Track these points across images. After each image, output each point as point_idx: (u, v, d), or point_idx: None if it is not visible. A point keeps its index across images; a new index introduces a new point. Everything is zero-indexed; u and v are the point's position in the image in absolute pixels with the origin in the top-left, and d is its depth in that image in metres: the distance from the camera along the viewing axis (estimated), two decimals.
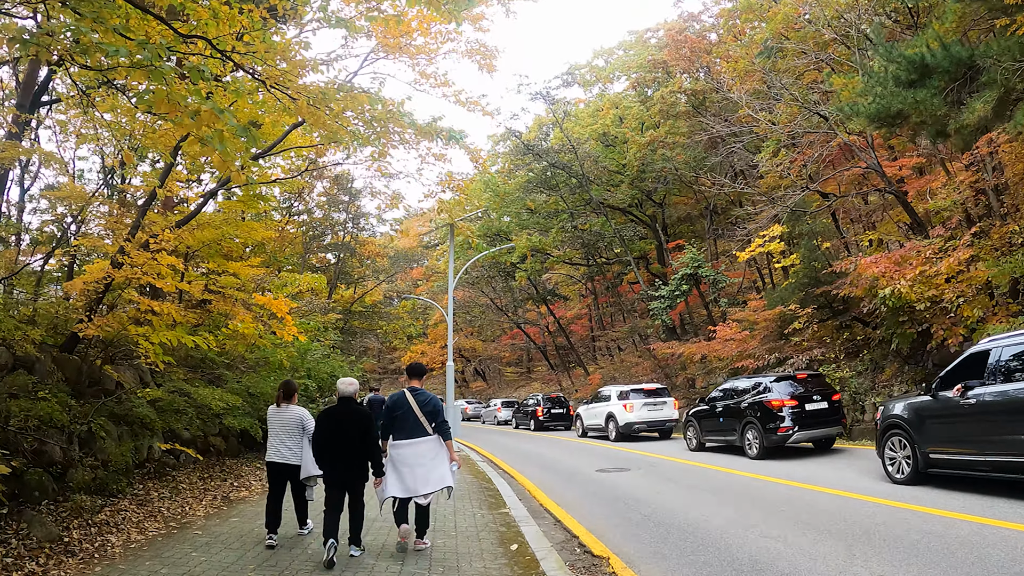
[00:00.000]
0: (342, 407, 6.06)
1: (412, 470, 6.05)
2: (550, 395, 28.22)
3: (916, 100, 10.83)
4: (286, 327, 12.63)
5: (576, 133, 27.07)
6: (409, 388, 6.28)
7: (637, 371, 28.31)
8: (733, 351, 19.21)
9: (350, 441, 5.89)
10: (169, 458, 10.60)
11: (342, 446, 5.89)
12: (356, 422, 5.92)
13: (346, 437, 5.89)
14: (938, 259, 14.12)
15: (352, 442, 5.89)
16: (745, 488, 9.48)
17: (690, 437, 15.18)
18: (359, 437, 5.91)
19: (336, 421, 5.95)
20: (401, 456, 6.09)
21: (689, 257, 22.73)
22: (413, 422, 6.11)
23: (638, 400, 18.68)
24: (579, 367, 37.40)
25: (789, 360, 17.75)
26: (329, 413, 6.10)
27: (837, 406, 13.13)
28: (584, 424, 21.09)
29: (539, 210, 31.12)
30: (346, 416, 5.97)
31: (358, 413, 6.04)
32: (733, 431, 13.47)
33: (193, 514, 8.20)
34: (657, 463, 13.09)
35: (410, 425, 6.11)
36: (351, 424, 5.91)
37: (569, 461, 14.49)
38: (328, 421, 6.00)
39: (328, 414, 6.09)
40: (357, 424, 5.92)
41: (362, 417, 6.01)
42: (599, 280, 37.37)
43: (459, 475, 11.43)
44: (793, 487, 9.29)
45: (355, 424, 5.91)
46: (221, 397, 10.59)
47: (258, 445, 13.52)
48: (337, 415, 6.01)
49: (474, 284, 39.60)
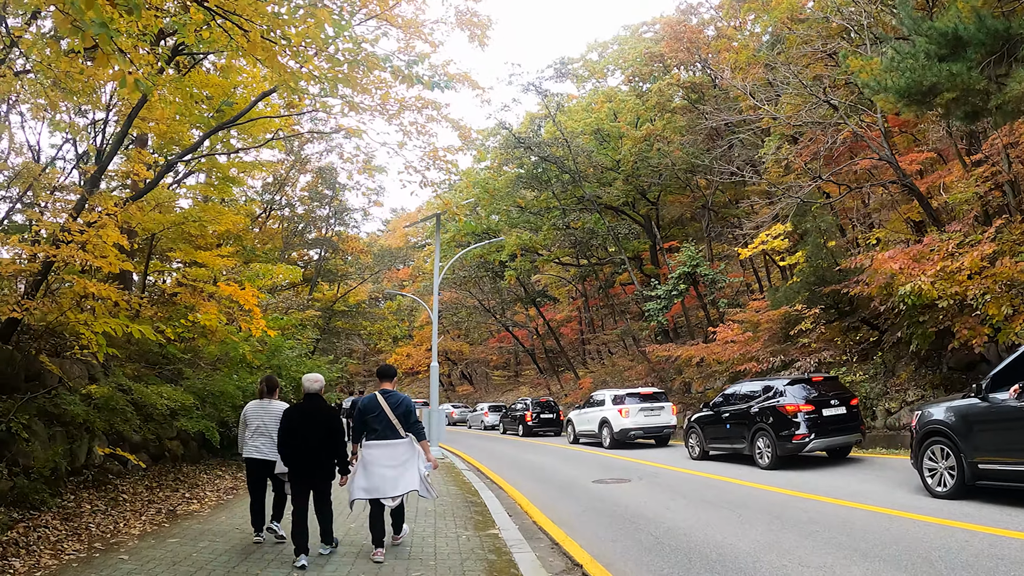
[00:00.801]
0: (307, 404, 5.94)
1: (381, 471, 5.93)
2: (539, 399, 27.06)
3: (952, 73, 9.84)
4: (254, 321, 11.43)
5: (569, 127, 26.01)
6: (381, 390, 6.14)
7: (630, 375, 27.22)
8: (735, 353, 18.16)
9: (314, 438, 5.78)
10: (113, 464, 9.34)
11: (306, 443, 5.77)
12: (322, 419, 5.84)
13: (311, 434, 5.77)
14: (960, 254, 13.15)
15: (317, 439, 5.78)
16: (766, 503, 8.37)
17: (692, 445, 14.08)
18: (325, 434, 5.81)
19: (301, 418, 5.84)
20: (372, 457, 5.98)
21: (687, 255, 21.69)
22: (385, 424, 5.97)
23: (634, 405, 17.57)
24: (569, 371, 36.28)
25: (796, 363, 16.73)
26: (294, 410, 5.99)
27: (856, 411, 12.09)
28: (576, 430, 19.95)
29: (529, 207, 30.02)
30: (311, 413, 5.86)
31: (324, 410, 5.94)
32: (742, 439, 12.38)
33: (127, 532, 6.96)
34: (659, 473, 11.96)
35: (382, 427, 5.98)
36: (316, 421, 5.81)
37: (562, 470, 13.34)
38: (293, 418, 5.88)
39: (293, 410, 5.98)
40: (323, 421, 5.83)
41: (328, 414, 5.94)
42: (590, 282, 36.32)
43: (441, 487, 10.29)
44: (820, 502, 8.20)
45: (320, 421, 5.82)
46: (169, 396, 9.32)
47: (222, 450, 12.26)
48: (302, 412, 5.89)
49: (461, 285, 38.40)
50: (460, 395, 50.66)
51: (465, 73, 10.89)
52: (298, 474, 5.86)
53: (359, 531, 7.00)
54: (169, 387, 9.93)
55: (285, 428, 5.85)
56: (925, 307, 13.26)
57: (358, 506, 6.44)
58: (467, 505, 8.66)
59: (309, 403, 5.93)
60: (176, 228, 12.38)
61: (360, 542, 6.55)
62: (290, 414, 5.95)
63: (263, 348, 14.21)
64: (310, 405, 5.91)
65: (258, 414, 6.56)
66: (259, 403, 6.66)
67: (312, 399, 5.95)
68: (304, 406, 5.93)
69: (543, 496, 9.97)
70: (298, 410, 5.95)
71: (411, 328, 45.67)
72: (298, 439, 5.76)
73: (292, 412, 5.97)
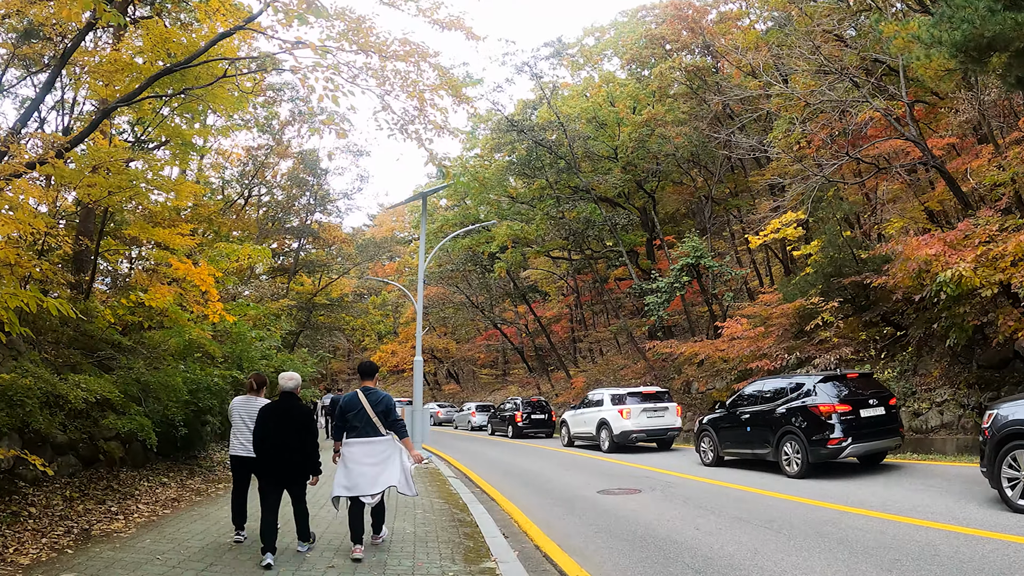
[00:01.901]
0: (283, 402, 5.82)
1: (360, 469, 5.85)
2: (530, 399, 25.56)
3: (1018, 22, 8.48)
4: (210, 304, 9.86)
5: (565, 112, 24.54)
6: (362, 388, 6.07)
7: (626, 374, 25.79)
8: (744, 350, 16.77)
9: (290, 437, 5.68)
10: (26, 469, 7.74)
11: (282, 442, 5.66)
12: (297, 418, 5.75)
13: (286, 433, 5.68)
14: (1002, 239, 11.85)
15: (292, 438, 5.68)
16: (814, 522, 6.93)
17: (704, 449, 12.67)
18: (299, 434, 5.71)
19: (277, 416, 5.74)
20: (351, 455, 5.91)
21: (690, 246, 20.29)
22: (366, 422, 5.92)
23: (636, 405, 16.13)
24: (560, 370, 34.82)
25: (813, 360, 15.37)
26: (269, 408, 5.87)
27: (895, 412, 10.73)
28: (571, 432, 18.49)
29: (521, 197, 28.53)
30: (287, 412, 5.76)
31: (299, 409, 5.84)
32: (765, 443, 10.97)
33: (13, 561, 5.39)
34: (672, 482, 10.51)
35: (362, 424, 5.92)
36: (291, 420, 5.72)
37: (560, 477, 11.85)
38: (268, 416, 5.78)
39: (269, 409, 5.86)
40: (297, 420, 5.75)
41: (303, 413, 5.85)
42: (584, 277, 34.91)
43: (424, 500, 8.79)
44: (880, 520, 6.79)
45: (295, 420, 5.74)
46: (91, 387, 7.72)
47: (178, 451, 10.67)
48: (278, 410, 5.78)
49: (448, 279, 36.82)
50: (446, 394, 49.06)
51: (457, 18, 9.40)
52: (272, 473, 5.73)
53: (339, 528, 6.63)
54: (92, 377, 8.29)
55: (260, 426, 5.77)
56: (963, 297, 11.95)
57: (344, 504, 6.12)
58: (454, 525, 7.14)
59: (284, 402, 5.81)
60: (123, 195, 10.74)
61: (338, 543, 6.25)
62: (265, 413, 5.82)
63: (226, 337, 12.63)
64: (285, 404, 5.79)
65: (240, 411, 6.42)
66: (243, 400, 6.52)
67: (287, 397, 5.83)
68: (279, 405, 5.81)
69: (543, 511, 8.49)
70: (273, 409, 5.81)
71: (396, 325, 44.01)
72: (273, 438, 5.66)
73: (267, 411, 5.83)
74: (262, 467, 5.74)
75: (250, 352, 11.85)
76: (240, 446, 6.32)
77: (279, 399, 5.85)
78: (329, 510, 7.14)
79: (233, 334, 11.43)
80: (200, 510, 7.84)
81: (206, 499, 8.63)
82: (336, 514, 6.74)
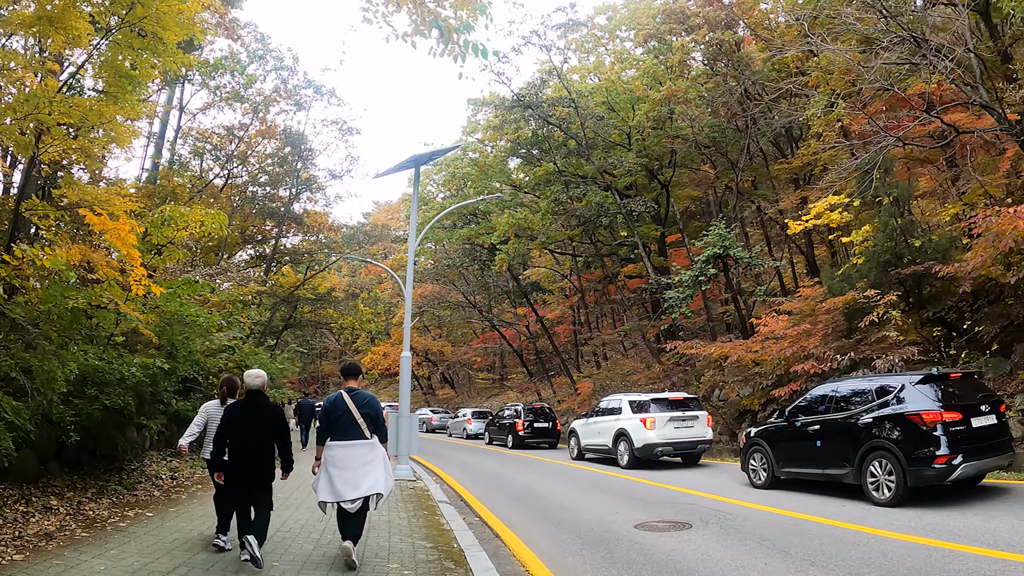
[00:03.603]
0: (250, 401, 5.63)
1: (342, 473, 5.54)
2: (532, 405, 23.15)
3: None
4: (132, 273, 7.56)
5: (577, 87, 22.25)
6: (346, 389, 5.77)
7: (638, 379, 23.42)
8: (785, 351, 14.46)
9: (258, 437, 5.53)
10: None
11: (249, 442, 5.48)
12: (266, 418, 5.60)
13: (254, 432, 5.51)
14: None
15: (260, 438, 5.54)
16: None
17: (755, 467, 10.33)
18: (270, 433, 5.59)
19: (242, 416, 5.54)
20: (332, 458, 5.60)
21: (716, 235, 17.99)
22: (349, 423, 5.61)
23: (661, 414, 13.78)
24: (563, 375, 32.41)
25: (871, 362, 13.08)
26: (235, 407, 5.66)
27: (1005, 422, 8.46)
28: (581, 443, 16.12)
29: (525, 187, 26.22)
30: (254, 411, 5.57)
31: (268, 408, 5.68)
32: (843, 462, 8.64)
33: None
34: (727, 513, 8.16)
35: (347, 426, 5.61)
36: (260, 419, 5.56)
37: (581, 503, 9.46)
38: (234, 415, 5.57)
39: (235, 408, 5.65)
40: (267, 420, 5.60)
41: (273, 413, 5.70)
42: (590, 276, 32.63)
43: (405, 543, 6.28)
44: None
45: (265, 420, 5.58)
46: None
47: (96, 462, 8.30)
48: (243, 410, 5.58)
49: (444, 277, 34.48)
50: (441, 399, 46.60)
51: None
52: (239, 475, 5.50)
53: None
54: None
55: (224, 426, 5.58)
56: None
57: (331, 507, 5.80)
58: None
59: (251, 401, 5.63)
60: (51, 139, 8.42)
61: None
62: (230, 412, 5.63)
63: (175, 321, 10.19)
64: (252, 403, 5.61)
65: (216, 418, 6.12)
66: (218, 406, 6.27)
67: (254, 396, 5.65)
68: (245, 404, 5.64)
69: (572, 557, 6.13)
70: (238, 408, 5.63)
71: (388, 325, 41.58)
72: (240, 439, 5.48)
73: (232, 410, 5.64)
74: (228, 469, 5.54)
75: (189, 339, 9.36)
76: None
77: (245, 398, 5.68)
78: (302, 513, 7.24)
79: (167, 312, 9.01)
80: (71, 555, 5.41)
81: (94, 535, 6.10)
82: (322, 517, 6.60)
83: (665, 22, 23.62)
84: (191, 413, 12.06)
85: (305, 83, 22.79)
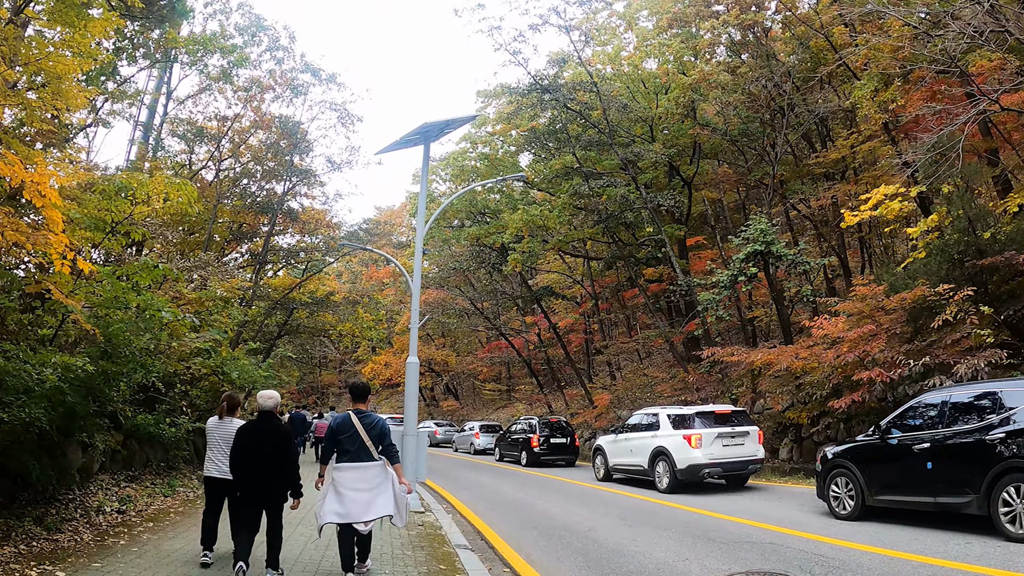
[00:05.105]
0: (261, 422, 5.57)
1: (353, 495, 5.51)
2: (548, 419, 21.26)
3: None
4: (50, 239, 5.83)
5: (597, 75, 20.56)
6: (354, 410, 5.73)
7: (664, 390, 21.53)
8: (845, 356, 12.61)
9: (268, 459, 5.40)
10: None
11: (259, 464, 5.39)
12: (274, 439, 5.46)
13: (263, 454, 5.39)
14: None
15: (270, 460, 5.41)
16: None
17: (838, 494, 8.49)
18: (278, 455, 5.44)
19: (254, 437, 5.46)
20: (343, 480, 5.56)
21: (757, 230, 16.18)
22: (359, 446, 5.56)
23: (707, 430, 11.91)
24: (574, 385, 30.49)
25: (950, 368, 11.22)
26: (247, 428, 5.60)
27: None
28: (609, 463, 14.25)
29: (539, 183, 24.45)
30: (265, 432, 5.49)
31: (277, 430, 5.58)
32: (961, 488, 6.81)
33: None
34: (829, 557, 6.31)
35: (355, 448, 5.56)
36: (269, 441, 5.44)
37: (635, 544, 7.53)
38: (246, 437, 5.49)
39: (246, 430, 5.59)
40: (275, 441, 5.45)
41: (281, 434, 5.57)
42: (605, 281, 30.85)
43: None
44: None
45: (273, 441, 5.44)
46: None
47: (20, 490, 6.51)
48: (255, 431, 5.51)
49: (450, 281, 32.68)
50: (445, 411, 44.64)
51: None
52: (249, 496, 5.46)
53: None
54: None
55: (237, 447, 5.52)
56: None
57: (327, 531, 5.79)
58: None
59: (263, 421, 5.56)
60: None
61: None
62: (242, 433, 5.57)
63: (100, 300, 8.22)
64: (263, 424, 5.54)
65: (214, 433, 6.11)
66: (216, 422, 6.20)
67: (266, 417, 5.56)
68: (257, 425, 5.57)
69: None
70: (250, 429, 5.56)
71: (391, 333, 39.74)
72: (251, 459, 5.40)
73: (244, 431, 5.58)
74: (240, 489, 5.47)
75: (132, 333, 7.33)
76: (215, 468, 6.08)
77: (257, 419, 5.64)
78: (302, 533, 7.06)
79: (105, 297, 7.15)
80: None
81: None
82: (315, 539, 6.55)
83: (691, 4, 21.98)
84: (154, 429, 10.23)
85: (303, 67, 21.10)
